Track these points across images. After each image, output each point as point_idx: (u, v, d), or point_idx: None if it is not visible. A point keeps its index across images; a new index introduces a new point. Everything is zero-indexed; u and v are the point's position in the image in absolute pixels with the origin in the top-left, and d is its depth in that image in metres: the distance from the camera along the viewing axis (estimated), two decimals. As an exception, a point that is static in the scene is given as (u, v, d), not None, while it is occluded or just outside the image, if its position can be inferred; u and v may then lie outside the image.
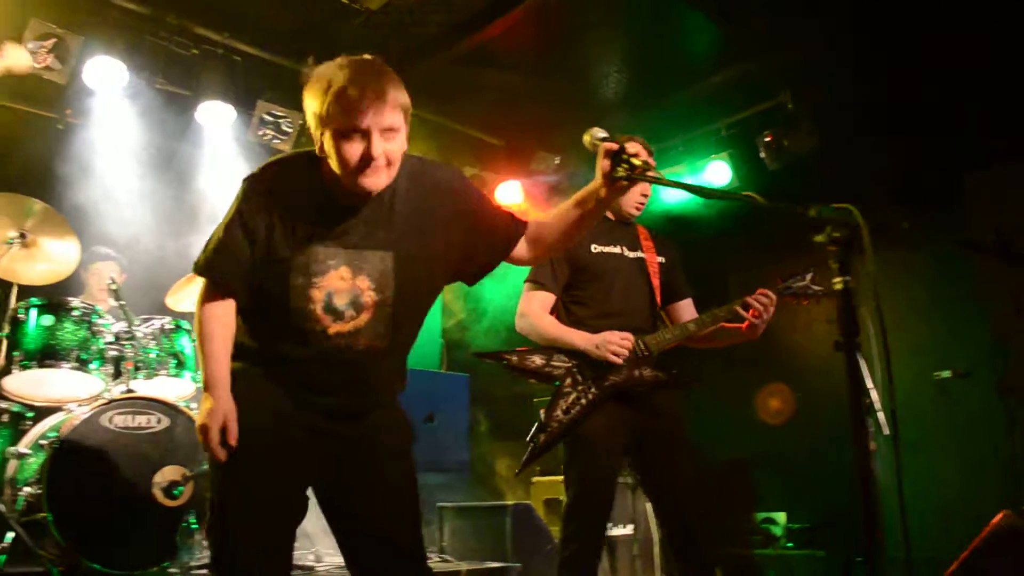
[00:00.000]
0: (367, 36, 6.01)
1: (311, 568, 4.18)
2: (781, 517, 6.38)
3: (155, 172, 6.11)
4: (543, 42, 6.10)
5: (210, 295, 2.24)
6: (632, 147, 2.13)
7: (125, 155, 5.94)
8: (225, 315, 2.22)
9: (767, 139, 6.40)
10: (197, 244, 5.93)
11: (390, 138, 2.07)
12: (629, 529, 4.96)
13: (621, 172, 2.10)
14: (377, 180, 2.08)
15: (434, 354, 6.33)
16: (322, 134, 2.08)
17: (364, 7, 5.69)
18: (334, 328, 2.17)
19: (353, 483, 2.28)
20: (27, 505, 3.79)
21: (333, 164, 2.09)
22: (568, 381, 3.21)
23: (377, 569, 2.29)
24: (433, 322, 6.46)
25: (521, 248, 2.39)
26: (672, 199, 6.79)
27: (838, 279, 1.72)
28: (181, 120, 6.06)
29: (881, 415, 3.21)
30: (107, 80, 5.50)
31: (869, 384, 1.80)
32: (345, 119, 2.02)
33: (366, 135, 2.03)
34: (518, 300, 3.42)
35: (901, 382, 1.95)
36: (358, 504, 2.29)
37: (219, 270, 2.21)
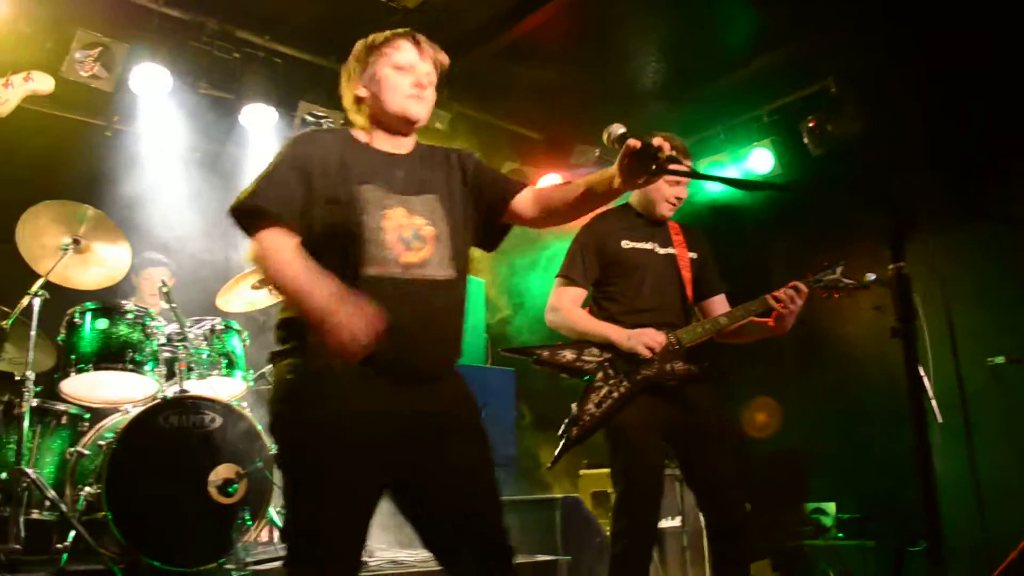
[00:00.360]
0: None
1: (364, 563, 4.20)
2: (831, 507, 6.30)
3: (201, 175, 6.22)
4: (580, 34, 6.08)
5: (263, 235, 2.13)
6: (656, 141, 2.12)
7: (171, 159, 6.07)
8: (289, 239, 2.14)
9: (810, 125, 6.31)
10: (245, 245, 6.03)
11: (431, 81, 2.37)
12: (677, 521, 4.93)
13: (647, 167, 2.11)
14: (422, 109, 2.34)
15: (479, 348, 6.34)
16: (371, 74, 2.35)
17: (401, 5, 5.73)
18: (405, 257, 2.20)
19: (434, 463, 2.21)
20: (87, 504, 3.89)
21: (386, 95, 2.31)
22: (600, 375, 3.22)
23: (464, 555, 2.23)
24: (478, 316, 6.47)
25: (522, 203, 2.44)
26: (715, 190, 6.73)
27: (891, 265, 1.69)
28: (225, 123, 6.16)
29: (934, 402, 3.15)
30: (152, 86, 5.61)
31: (920, 371, 1.77)
32: (400, 54, 2.34)
33: (414, 71, 2.33)
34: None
35: (954, 368, 1.93)
36: (442, 486, 2.22)
37: (267, 199, 2.14)
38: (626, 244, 3.39)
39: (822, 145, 6.29)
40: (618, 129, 2.22)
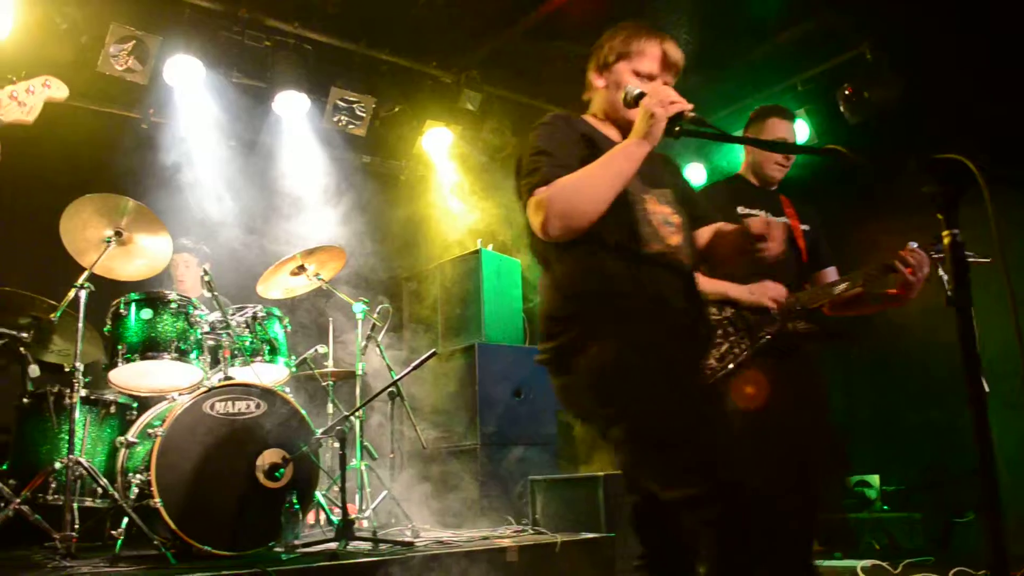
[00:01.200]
0: (434, 16, 6.03)
1: (410, 543, 4.25)
2: (875, 480, 6.24)
3: (237, 163, 6.28)
4: (610, 9, 5.99)
5: (540, 190, 2.15)
6: (672, 105, 2.11)
7: (207, 149, 6.13)
8: None
9: (846, 92, 6.19)
10: (283, 231, 6.07)
11: None
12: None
13: (670, 129, 2.11)
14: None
15: (517, 329, 6.34)
16: (613, 69, 2.38)
17: (431, -14, 5.70)
18: (671, 238, 2.27)
19: None
20: (139, 491, 3.96)
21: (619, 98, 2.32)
22: (719, 332, 3.13)
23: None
24: (514, 296, 6.48)
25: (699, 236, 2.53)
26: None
27: (946, 232, 1.65)
28: (258, 111, 6.21)
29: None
30: (186, 77, 5.67)
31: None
32: (645, 64, 2.35)
33: (651, 83, 2.33)
34: None
35: (1004, 337, 1.88)
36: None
37: (555, 175, 2.16)
38: (740, 210, 3.32)
39: (859, 113, 6.17)
40: (634, 90, 2.24)
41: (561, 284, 2.26)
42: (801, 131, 6.59)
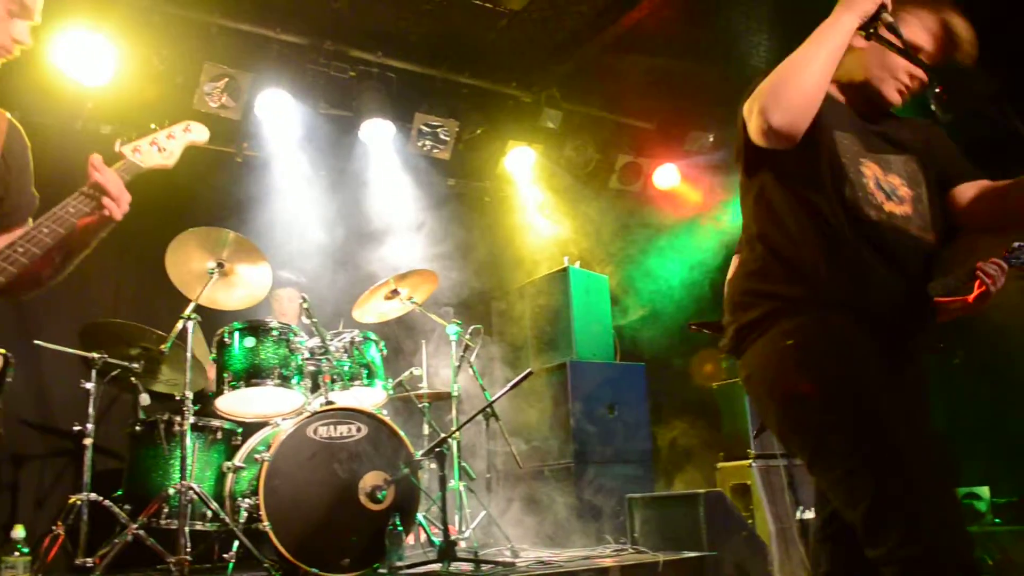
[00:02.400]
0: (512, 36, 6.10)
1: (512, 564, 4.25)
2: (985, 492, 5.96)
3: (328, 192, 6.45)
4: (685, 19, 5.96)
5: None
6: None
7: (299, 179, 6.31)
8: None
9: (937, 91, 5.98)
10: (374, 256, 6.16)
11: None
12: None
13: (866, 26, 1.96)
14: (898, 99, 2.16)
15: (608, 345, 6.31)
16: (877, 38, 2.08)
17: (507, 9, 5.75)
18: (888, 206, 2.03)
19: None
20: (247, 515, 4.07)
21: (880, 68, 2.13)
22: None
23: None
24: (604, 312, 6.45)
25: (965, 192, 2.23)
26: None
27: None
28: (346, 140, 6.36)
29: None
30: (276, 111, 5.84)
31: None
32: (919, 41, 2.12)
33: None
34: (677, 282, 3.23)
35: None
36: None
37: None
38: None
39: (951, 110, 5.96)
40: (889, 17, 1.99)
41: (761, 256, 2.06)
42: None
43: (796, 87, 1.89)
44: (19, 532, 3.98)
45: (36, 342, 4.31)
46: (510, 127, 6.80)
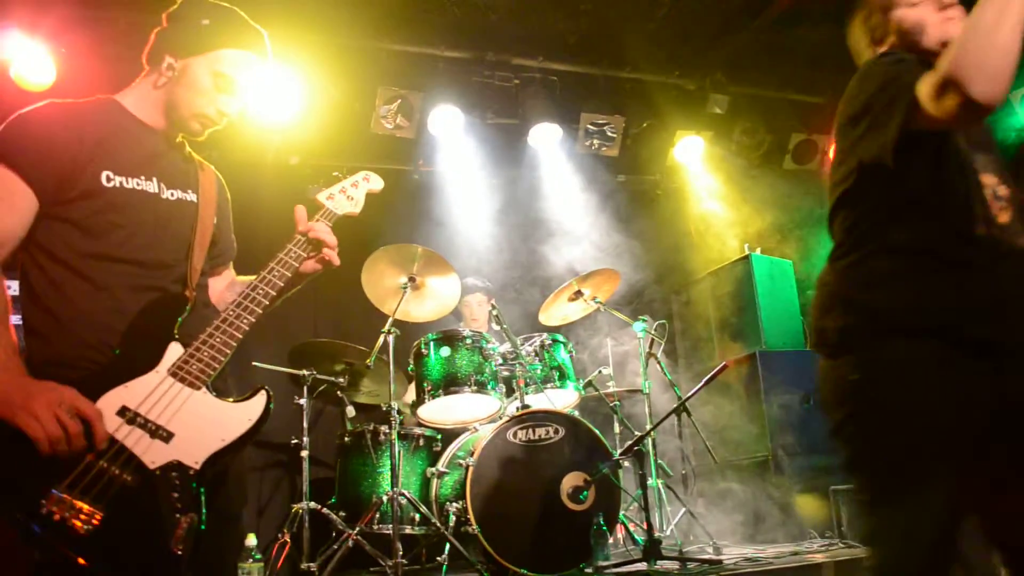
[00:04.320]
0: (670, 27, 5.99)
1: (718, 561, 4.17)
2: None
3: (503, 199, 6.59)
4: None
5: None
6: None
7: (474, 189, 6.47)
8: None
9: None
10: (552, 259, 6.22)
11: None
12: None
13: None
14: None
15: (797, 332, 6.08)
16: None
17: (664, -1, 5.67)
18: (1003, 216, 1.88)
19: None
20: (455, 519, 4.20)
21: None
22: None
23: None
24: (790, 298, 6.22)
25: None
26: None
27: None
28: (515, 148, 6.46)
29: None
30: (447, 126, 6.01)
31: None
32: None
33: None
34: None
35: None
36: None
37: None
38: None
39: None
40: None
41: (863, 270, 1.89)
42: None
43: (998, 49, 1.66)
44: (252, 540, 4.30)
45: (254, 363, 4.61)
46: (676, 117, 6.68)
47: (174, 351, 1.91)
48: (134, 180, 2.03)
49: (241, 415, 1.90)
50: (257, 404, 1.93)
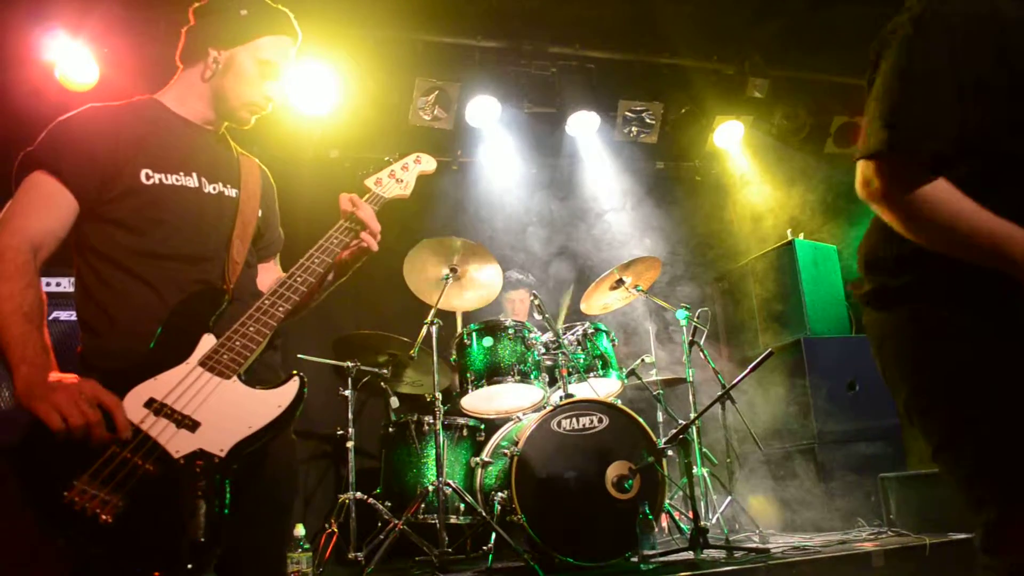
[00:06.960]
0: (707, 11, 5.92)
1: (765, 550, 4.13)
2: None
3: (542, 188, 6.57)
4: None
5: (908, 181, 1.53)
6: None
7: (513, 179, 6.46)
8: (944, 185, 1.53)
9: None
10: (593, 247, 6.22)
11: None
12: None
13: None
14: None
15: (842, 318, 6.00)
16: None
17: (699, -16, 5.60)
18: None
19: None
20: (500, 508, 4.21)
21: None
22: None
23: None
24: (835, 284, 6.14)
25: None
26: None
27: None
28: (554, 136, 6.44)
29: None
30: (485, 116, 6.00)
31: None
32: None
33: None
34: None
35: None
36: None
37: (921, 139, 1.52)
38: None
39: None
40: None
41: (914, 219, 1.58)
42: None
43: (940, 232, 1.53)
44: (300, 531, 4.36)
45: (299, 356, 4.66)
46: (715, 102, 6.61)
47: (207, 342, 1.92)
48: (173, 176, 2.06)
49: (271, 402, 1.87)
50: (289, 390, 1.90)
